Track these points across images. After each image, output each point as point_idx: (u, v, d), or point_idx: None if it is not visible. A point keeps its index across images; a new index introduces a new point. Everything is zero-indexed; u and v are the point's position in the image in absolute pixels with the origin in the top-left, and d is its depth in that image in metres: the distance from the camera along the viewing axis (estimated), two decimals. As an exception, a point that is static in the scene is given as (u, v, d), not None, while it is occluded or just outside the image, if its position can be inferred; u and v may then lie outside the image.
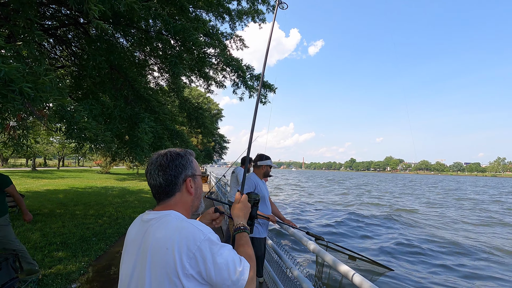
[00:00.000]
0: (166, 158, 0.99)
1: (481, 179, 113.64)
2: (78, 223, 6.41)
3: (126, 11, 2.56)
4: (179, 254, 0.82)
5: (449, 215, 15.07)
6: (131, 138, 3.67)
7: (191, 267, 0.82)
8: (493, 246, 9.02)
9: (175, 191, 0.99)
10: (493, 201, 23.45)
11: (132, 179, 22.44)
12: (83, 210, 8.01)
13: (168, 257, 0.82)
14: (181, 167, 1.00)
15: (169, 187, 0.98)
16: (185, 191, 1.01)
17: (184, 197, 1.01)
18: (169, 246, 0.83)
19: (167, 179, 0.97)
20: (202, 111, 7.03)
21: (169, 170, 0.98)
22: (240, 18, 6.68)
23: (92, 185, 16.13)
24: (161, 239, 0.85)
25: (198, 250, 0.83)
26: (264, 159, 3.06)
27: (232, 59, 4.80)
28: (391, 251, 8.26)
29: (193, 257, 0.82)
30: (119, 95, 4.17)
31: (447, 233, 10.80)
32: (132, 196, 11.48)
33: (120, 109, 3.80)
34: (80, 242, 5.04)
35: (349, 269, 1.58)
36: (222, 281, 0.84)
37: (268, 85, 5.31)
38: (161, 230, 0.87)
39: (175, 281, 0.81)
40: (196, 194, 1.05)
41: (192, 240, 0.83)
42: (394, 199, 22.49)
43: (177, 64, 3.43)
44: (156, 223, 0.90)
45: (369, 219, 12.95)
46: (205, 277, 0.83)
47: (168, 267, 0.81)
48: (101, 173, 28.49)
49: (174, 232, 0.85)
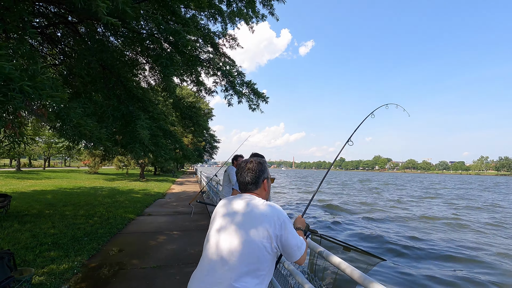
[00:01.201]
0: (253, 165, 1.45)
1: (465, 177, 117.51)
2: (69, 223, 6.34)
3: (122, 12, 2.59)
4: (276, 220, 1.26)
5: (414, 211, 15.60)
6: (127, 135, 3.68)
7: (277, 230, 1.25)
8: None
9: (257, 187, 1.44)
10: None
11: (121, 179, 22.13)
12: (72, 210, 7.90)
13: (269, 221, 1.25)
14: (262, 171, 1.45)
15: (255, 184, 1.43)
16: (263, 188, 1.46)
17: (262, 192, 1.45)
18: (270, 214, 1.27)
19: (253, 178, 1.42)
20: (196, 109, 7.03)
21: (255, 172, 1.43)
22: (232, 20, 6.71)
23: (81, 185, 15.85)
24: (263, 210, 1.29)
25: (284, 221, 1.28)
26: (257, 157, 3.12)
27: (223, 63, 4.84)
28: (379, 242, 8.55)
29: (282, 224, 1.27)
30: (111, 94, 4.17)
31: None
32: (123, 196, 11.36)
33: (113, 108, 3.81)
34: (72, 242, 5.01)
35: (340, 261, 1.68)
36: (293, 245, 1.29)
37: (259, 94, 5.34)
38: (260, 204, 1.33)
39: (271, 235, 1.24)
40: (268, 191, 1.50)
41: (280, 215, 1.29)
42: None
43: (168, 65, 3.46)
44: (252, 200, 1.36)
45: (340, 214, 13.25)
46: (283, 239, 1.27)
47: (268, 226, 1.24)
48: (89, 173, 27.96)
49: (270, 207, 1.31)
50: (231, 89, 5.25)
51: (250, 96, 5.30)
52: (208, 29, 5.59)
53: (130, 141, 3.56)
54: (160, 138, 4.31)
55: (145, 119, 3.74)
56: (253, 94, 5.35)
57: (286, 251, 1.30)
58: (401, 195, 25.35)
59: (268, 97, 5.44)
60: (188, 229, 6.43)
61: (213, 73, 5.47)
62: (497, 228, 12.00)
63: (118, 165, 24.08)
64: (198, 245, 5.17)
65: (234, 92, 5.17)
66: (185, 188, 16.73)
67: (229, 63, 5.36)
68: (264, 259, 1.23)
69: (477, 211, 16.77)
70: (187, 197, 12.48)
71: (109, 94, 4.37)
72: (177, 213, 8.38)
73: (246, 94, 5.30)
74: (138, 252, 4.76)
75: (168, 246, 5.12)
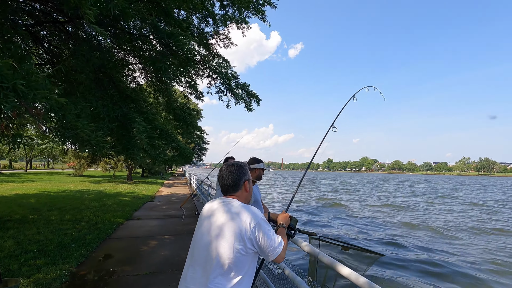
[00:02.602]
0: (234, 168, 1.52)
1: (448, 177, 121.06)
2: (55, 229, 6.12)
3: (119, 13, 2.51)
4: (249, 223, 1.32)
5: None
6: (124, 139, 3.58)
7: (250, 232, 1.31)
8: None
9: (238, 189, 1.50)
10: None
11: (108, 181, 21.59)
12: (58, 215, 7.63)
13: (243, 223, 1.32)
14: (242, 174, 1.52)
15: (236, 186, 1.49)
16: (244, 189, 1.52)
17: (243, 193, 1.52)
18: (243, 217, 1.33)
19: (234, 181, 1.49)
20: (189, 110, 6.91)
21: (236, 175, 1.50)
22: (224, 23, 6.66)
23: (66, 188, 15.35)
24: (237, 213, 1.35)
25: (258, 223, 1.33)
26: (257, 162, 3.10)
27: (218, 65, 4.78)
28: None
29: (255, 226, 1.32)
30: (105, 95, 4.04)
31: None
32: (110, 200, 11.08)
33: (108, 109, 3.70)
34: (59, 249, 4.82)
35: (347, 270, 1.66)
36: (268, 246, 1.34)
37: (254, 95, 5.32)
38: (237, 208, 1.39)
39: (244, 238, 1.30)
40: (250, 192, 1.56)
41: (254, 217, 1.35)
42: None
43: (167, 68, 3.39)
44: (230, 203, 1.42)
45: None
46: (258, 241, 1.32)
47: (241, 230, 1.31)
48: (74, 175, 27.14)
49: (244, 211, 1.37)
50: (228, 91, 5.20)
51: (245, 98, 5.28)
52: (202, 29, 5.52)
53: (128, 146, 3.46)
54: (156, 139, 4.21)
55: (141, 122, 3.64)
56: (247, 96, 5.32)
57: (262, 251, 1.37)
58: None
59: (261, 99, 5.43)
60: (180, 233, 6.32)
61: (207, 75, 5.40)
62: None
63: (104, 167, 23.49)
64: (191, 250, 5.08)
65: (232, 94, 5.12)
66: (174, 191, 16.49)
67: (223, 64, 5.29)
68: (238, 261, 1.30)
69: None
70: (177, 200, 12.30)
71: (102, 95, 4.24)
72: (168, 217, 8.23)
73: (242, 96, 5.27)
74: (129, 258, 4.63)
75: (160, 251, 5.01)
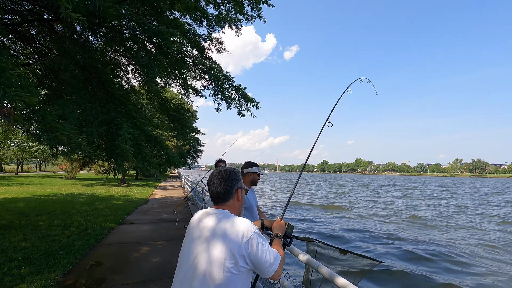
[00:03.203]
0: (226, 173, 1.39)
1: (440, 179, 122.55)
2: (42, 235, 5.90)
3: (99, 10, 2.38)
4: (241, 238, 1.20)
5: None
6: (111, 146, 3.43)
7: (243, 249, 1.19)
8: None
9: (229, 198, 1.37)
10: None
11: (101, 184, 21.23)
12: (47, 220, 7.39)
13: (234, 238, 1.19)
14: (235, 181, 1.39)
15: (227, 194, 1.36)
16: (236, 199, 1.40)
17: (234, 203, 1.40)
18: (235, 231, 1.21)
19: (226, 188, 1.36)
20: (184, 111, 6.74)
21: (228, 182, 1.37)
22: (218, 24, 6.55)
23: (57, 192, 15.01)
24: (228, 228, 1.22)
25: (251, 238, 1.21)
26: (250, 166, 2.95)
27: (211, 67, 4.64)
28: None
29: (247, 242, 1.20)
30: (93, 97, 3.88)
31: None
32: (102, 203, 10.83)
33: (97, 111, 3.55)
34: (45, 256, 4.62)
35: (344, 281, 1.56)
36: (263, 262, 1.22)
37: (249, 98, 5.18)
38: (227, 221, 1.26)
39: (235, 255, 1.17)
40: (242, 201, 1.44)
41: (247, 232, 1.21)
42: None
43: (153, 66, 3.25)
44: (220, 215, 1.29)
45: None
46: (252, 258, 1.20)
47: (233, 246, 1.18)
48: (66, 178, 26.65)
49: (235, 225, 1.24)
50: (219, 93, 5.06)
51: (240, 101, 5.15)
52: (194, 30, 5.39)
53: (112, 155, 3.30)
54: (143, 147, 4.06)
55: (128, 128, 3.49)
56: (243, 99, 5.19)
57: (257, 268, 1.25)
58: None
59: (259, 102, 5.26)
60: (173, 238, 6.16)
61: (200, 76, 5.26)
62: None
63: (97, 170, 23.12)
64: (184, 256, 4.93)
65: (223, 97, 4.98)
66: (168, 193, 16.26)
67: (215, 67, 5.15)
68: (229, 281, 1.18)
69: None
70: (171, 203, 12.09)
71: (90, 97, 4.08)
72: (161, 221, 8.04)
73: (236, 99, 5.13)
74: (119, 265, 4.46)
75: (152, 258, 4.85)
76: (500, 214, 17.04)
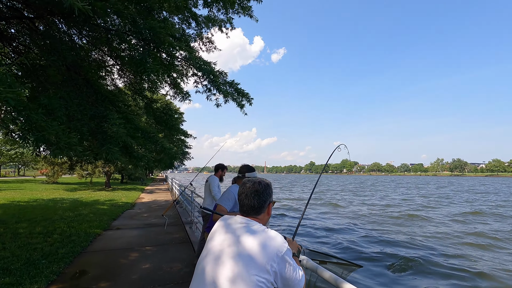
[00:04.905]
0: (261, 186, 1.35)
1: (423, 178, 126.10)
2: (23, 243, 5.59)
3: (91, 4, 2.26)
4: (276, 252, 1.15)
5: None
6: (99, 136, 3.26)
7: (277, 264, 1.14)
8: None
9: (262, 212, 1.35)
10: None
11: (84, 189, 20.54)
12: (28, 227, 7.04)
13: (270, 252, 1.14)
14: (269, 195, 1.37)
15: (260, 208, 1.33)
16: (266, 213, 1.37)
17: (264, 217, 1.37)
18: (271, 245, 1.16)
19: (260, 202, 1.33)
20: (171, 112, 6.55)
21: (262, 196, 1.34)
22: (207, 26, 6.45)
23: (38, 197, 14.38)
24: (262, 241, 1.16)
25: (286, 253, 1.17)
26: (251, 171, 3.01)
27: (204, 62, 4.54)
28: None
29: (282, 257, 1.15)
30: (80, 94, 3.71)
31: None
32: (87, 209, 10.45)
33: (85, 108, 3.39)
34: (27, 266, 4.36)
35: (346, 283, 1.52)
36: (294, 279, 1.17)
37: (243, 93, 5.13)
38: (260, 234, 1.20)
39: (269, 270, 1.11)
40: (270, 215, 1.40)
41: (281, 246, 1.17)
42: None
43: (147, 60, 3.13)
44: (252, 227, 1.24)
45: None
46: (283, 274, 1.15)
47: (266, 260, 1.12)
48: (47, 183, 25.63)
49: (270, 238, 1.18)
50: (215, 89, 4.96)
51: (234, 96, 5.08)
52: (183, 29, 5.28)
53: (103, 143, 3.14)
54: (139, 138, 3.91)
55: (118, 118, 3.34)
56: (237, 94, 5.12)
57: (286, 286, 1.18)
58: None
59: (253, 98, 5.23)
60: (162, 243, 5.99)
61: (193, 73, 5.15)
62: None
63: (80, 173, 22.36)
64: (175, 261, 4.79)
65: (219, 91, 4.89)
66: (155, 197, 15.91)
67: (208, 62, 5.04)
68: None
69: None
70: (159, 206, 11.83)
71: (77, 94, 3.90)
72: (149, 226, 7.83)
73: (232, 93, 5.06)
74: (106, 273, 4.27)
75: (141, 264, 4.68)
76: None
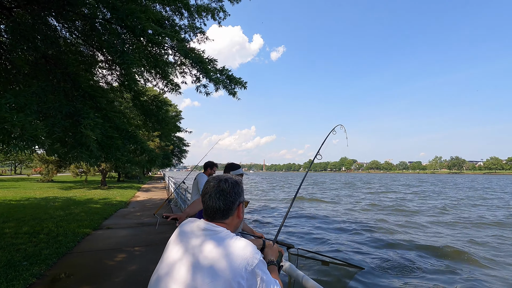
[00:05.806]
0: (227, 185, 1.12)
1: (422, 176, 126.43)
2: (6, 244, 5.37)
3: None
4: (245, 265, 0.96)
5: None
6: (73, 137, 3.05)
7: (245, 280, 0.95)
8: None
9: (230, 215, 1.12)
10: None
11: (79, 187, 20.27)
12: (14, 227, 6.80)
13: (236, 265, 0.95)
14: (238, 194, 1.14)
15: (227, 210, 1.11)
16: (236, 215, 1.14)
17: (233, 220, 1.14)
18: (238, 256, 0.97)
19: (226, 204, 1.10)
20: (160, 103, 6.25)
21: (229, 196, 1.11)
22: (200, 15, 6.24)
23: (30, 196, 14.12)
24: (228, 254, 0.97)
25: (257, 266, 0.99)
26: (236, 168, 2.86)
27: (191, 50, 4.29)
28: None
29: (252, 271, 0.97)
30: (57, 89, 3.47)
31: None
32: (79, 208, 10.21)
33: (61, 104, 3.16)
34: (6, 268, 4.14)
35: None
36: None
37: (235, 79, 4.87)
38: (225, 243, 1.00)
39: (233, 287, 0.92)
40: (241, 218, 1.18)
41: (251, 259, 0.98)
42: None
43: (125, 52, 2.91)
44: (216, 235, 1.03)
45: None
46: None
47: (233, 275, 0.93)
48: (42, 181, 25.32)
49: (237, 250, 0.98)
50: (204, 77, 4.72)
51: (225, 83, 4.83)
52: (173, 20, 5.03)
53: (75, 145, 2.93)
54: (116, 139, 3.68)
55: (96, 118, 3.12)
56: (229, 81, 4.87)
57: None
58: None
59: (246, 82, 4.95)
60: (153, 243, 5.77)
61: (180, 62, 4.90)
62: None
63: (75, 172, 22.08)
64: (163, 263, 4.57)
65: (209, 79, 4.64)
66: (151, 196, 15.68)
67: (193, 55, 4.80)
68: None
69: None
70: (153, 205, 11.61)
71: (53, 89, 3.66)
72: (141, 225, 7.61)
73: (223, 80, 4.82)
74: (90, 276, 4.05)
75: (128, 266, 4.46)
76: None
